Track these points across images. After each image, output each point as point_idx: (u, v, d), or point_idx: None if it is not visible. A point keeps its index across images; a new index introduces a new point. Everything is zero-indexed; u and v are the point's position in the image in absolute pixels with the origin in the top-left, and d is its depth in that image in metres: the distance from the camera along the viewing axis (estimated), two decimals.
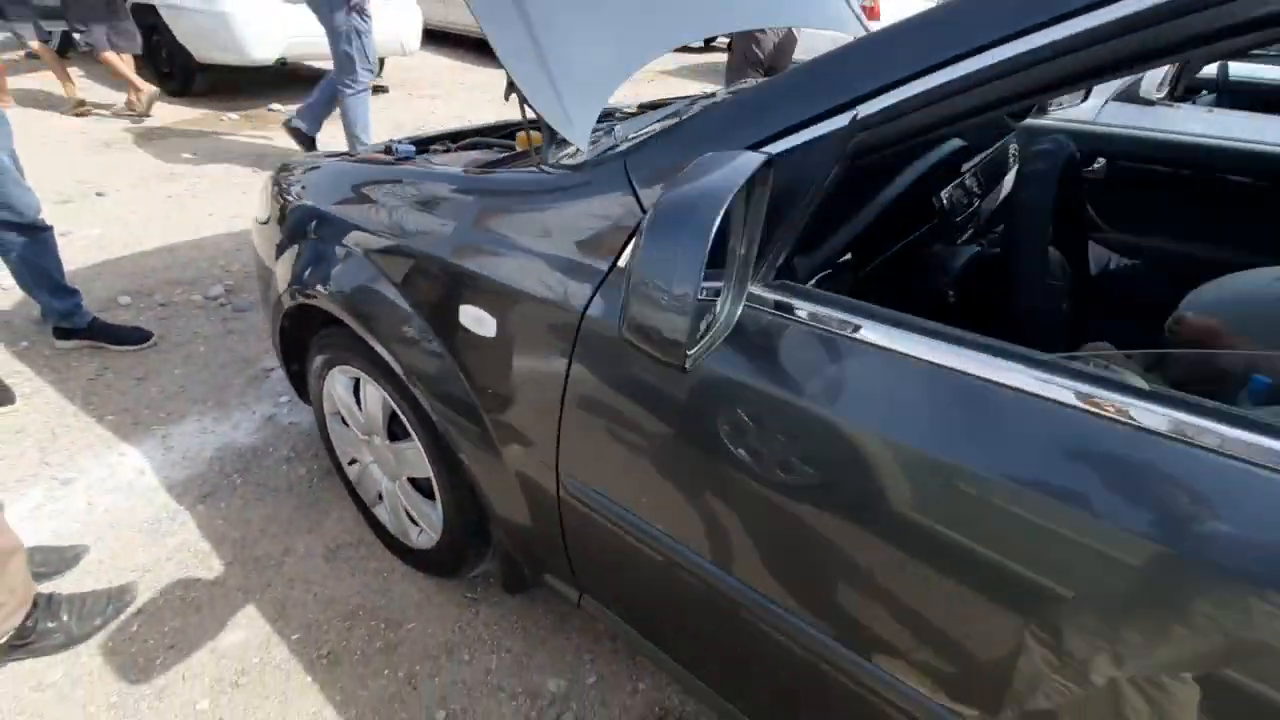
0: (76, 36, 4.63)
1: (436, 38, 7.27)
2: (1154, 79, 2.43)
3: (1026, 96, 0.63)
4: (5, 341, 2.24)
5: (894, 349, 0.67)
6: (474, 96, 5.88)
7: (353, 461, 1.58)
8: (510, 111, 1.15)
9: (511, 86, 0.96)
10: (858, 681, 0.76)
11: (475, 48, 7.33)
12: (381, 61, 5.94)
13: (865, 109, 0.66)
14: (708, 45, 7.21)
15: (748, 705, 0.99)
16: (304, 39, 4.72)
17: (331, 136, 3.90)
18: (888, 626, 0.72)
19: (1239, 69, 3.04)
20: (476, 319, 1.00)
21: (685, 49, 6.82)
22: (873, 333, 0.68)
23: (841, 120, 0.67)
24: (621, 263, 0.85)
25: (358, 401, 1.43)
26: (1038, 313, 0.88)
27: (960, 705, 0.68)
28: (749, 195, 0.63)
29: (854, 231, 0.94)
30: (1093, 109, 2.51)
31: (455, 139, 1.71)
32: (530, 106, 0.93)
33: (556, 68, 0.94)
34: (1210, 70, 2.98)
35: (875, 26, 0.96)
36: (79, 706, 1.27)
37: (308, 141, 3.76)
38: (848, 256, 0.97)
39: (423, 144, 1.64)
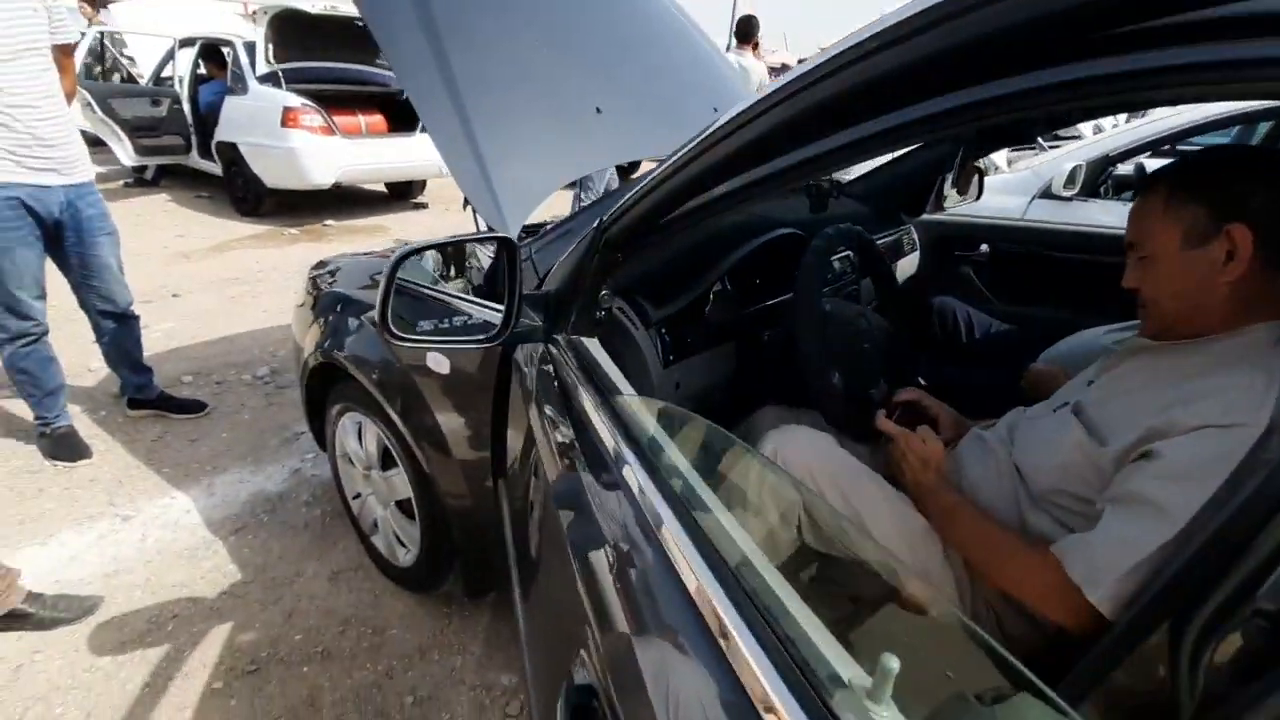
0: None
1: None
2: (1060, 180, 2.81)
3: (679, 200, 0.95)
4: (89, 410, 2.70)
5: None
6: None
7: (356, 495, 1.92)
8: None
9: (467, 200, 1.37)
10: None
11: None
12: (424, 183, 6.77)
13: (607, 217, 1.02)
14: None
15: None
16: (355, 166, 5.54)
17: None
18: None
19: (1153, 163, 3.40)
20: (437, 361, 1.37)
21: None
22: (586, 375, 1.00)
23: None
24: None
25: (359, 442, 1.79)
26: (809, 357, 1.20)
27: None
28: (512, 267, 1.00)
29: (692, 295, 1.32)
30: (1020, 206, 2.89)
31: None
32: (475, 210, 1.34)
33: (496, 178, 1.33)
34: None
35: None
36: (120, 685, 1.57)
37: None
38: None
39: None
